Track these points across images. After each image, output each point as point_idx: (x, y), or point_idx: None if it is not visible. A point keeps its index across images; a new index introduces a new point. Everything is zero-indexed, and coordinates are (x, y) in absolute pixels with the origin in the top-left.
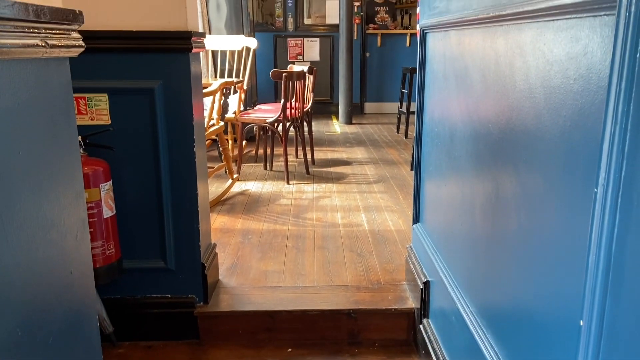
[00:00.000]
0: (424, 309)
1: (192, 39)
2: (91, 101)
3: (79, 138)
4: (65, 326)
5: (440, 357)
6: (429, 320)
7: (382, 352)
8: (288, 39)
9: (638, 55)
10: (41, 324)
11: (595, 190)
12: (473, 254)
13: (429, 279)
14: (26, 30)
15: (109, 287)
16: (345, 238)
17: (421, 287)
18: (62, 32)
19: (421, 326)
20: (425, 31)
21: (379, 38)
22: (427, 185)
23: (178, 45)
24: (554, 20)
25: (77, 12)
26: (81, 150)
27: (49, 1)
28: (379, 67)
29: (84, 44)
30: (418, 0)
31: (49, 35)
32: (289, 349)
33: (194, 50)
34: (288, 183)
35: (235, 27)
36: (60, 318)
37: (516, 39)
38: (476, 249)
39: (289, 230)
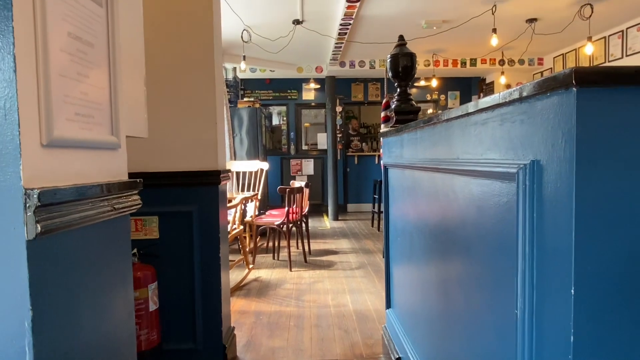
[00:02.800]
0: None
1: (221, 175)
2: (145, 222)
3: (134, 250)
4: None
5: None
6: None
7: None
8: (291, 160)
9: (529, 204)
10: None
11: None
12: (430, 333)
13: (400, 356)
14: (100, 201)
15: None
16: (334, 317)
17: None
18: (126, 197)
19: None
20: (387, 166)
21: (355, 158)
22: (394, 272)
23: (210, 181)
24: (477, 178)
25: (138, 181)
26: (135, 259)
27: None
28: (356, 178)
29: (140, 202)
30: (380, 144)
31: (116, 201)
32: None
33: (221, 183)
34: (290, 270)
35: (252, 154)
36: None
37: (450, 182)
38: (432, 329)
39: (291, 311)
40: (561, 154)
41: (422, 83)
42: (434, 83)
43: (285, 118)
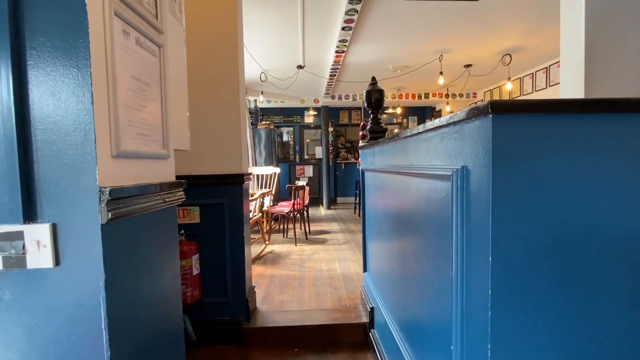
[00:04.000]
0: (371, 323)
1: (244, 177)
2: (190, 211)
3: (182, 231)
4: (167, 332)
5: (382, 353)
6: (374, 330)
7: (350, 350)
8: (296, 166)
9: (460, 197)
10: (157, 327)
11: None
12: (393, 289)
13: (373, 306)
14: (154, 196)
15: (196, 314)
16: (327, 278)
17: (369, 310)
18: (173, 193)
19: (370, 334)
20: (364, 171)
21: (343, 164)
22: (369, 246)
23: (237, 181)
24: (425, 178)
25: (183, 181)
26: (183, 238)
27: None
28: (343, 179)
29: (184, 196)
30: (359, 154)
31: (168, 195)
32: (295, 349)
33: (245, 182)
34: (296, 245)
35: (268, 161)
36: (165, 328)
37: (407, 182)
38: (394, 286)
39: (295, 274)
40: (482, 161)
41: (390, 110)
42: (399, 110)
43: (292, 136)
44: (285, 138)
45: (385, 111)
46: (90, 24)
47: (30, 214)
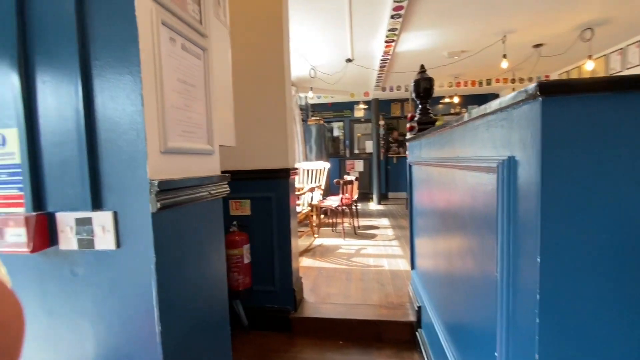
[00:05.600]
0: (419, 323)
1: (290, 172)
2: (242, 203)
3: (235, 222)
4: (214, 312)
5: (428, 354)
6: (421, 330)
7: (395, 348)
8: (346, 161)
9: (506, 191)
10: (204, 308)
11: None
12: (438, 288)
13: (420, 304)
14: (199, 189)
15: (247, 300)
16: (374, 274)
17: (416, 309)
18: (218, 186)
19: (417, 333)
20: (411, 164)
21: (394, 159)
22: (416, 242)
23: (283, 175)
24: (470, 171)
25: (227, 175)
26: (235, 228)
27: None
28: (395, 174)
29: (228, 189)
30: (407, 147)
31: (212, 187)
32: (340, 342)
33: (291, 177)
34: (344, 239)
35: (318, 156)
36: (212, 309)
37: (452, 173)
38: (440, 285)
39: (343, 268)
40: (530, 151)
41: (447, 100)
42: (456, 100)
43: (342, 130)
44: (335, 133)
45: (441, 101)
46: (140, 34)
47: (97, 203)
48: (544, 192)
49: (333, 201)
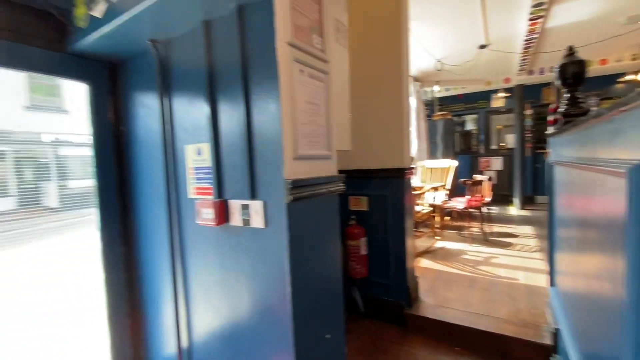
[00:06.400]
0: (555, 347)
1: (405, 171)
2: (360, 200)
3: (354, 217)
4: (329, 288)
5: None
6: (558, 356)
7: None
8: (479, 158)
9: None
10: (324, 285)
11: None
12: (578, 312)
13: (557, 327)
14: (320, 186)
15: (363, 289)
16: (504, 286)
17: (553, 332)
18: (335, 184)
19: (552, 358)
20: (551, 164)
21: (545, 155)
22: (556, 256)
23: (398, 174)
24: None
25: (343, 175)
26: (354, 222)
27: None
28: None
29: (343, 187)
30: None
31: (330, 186)
32: (457, 348)
33: (406, 176)
34: (471, 245)
35: (445, 153)
36: (330, 296)
37: (592, 176)
38: (579, 308)
39: (466, 275)
40: None
41: (629, 77)
42: None
43: (476, 124)
44: (467, 127)
45: (619, 79)
46: (280, 73)
47: (253, 194)
48: None
49: (459, 203)
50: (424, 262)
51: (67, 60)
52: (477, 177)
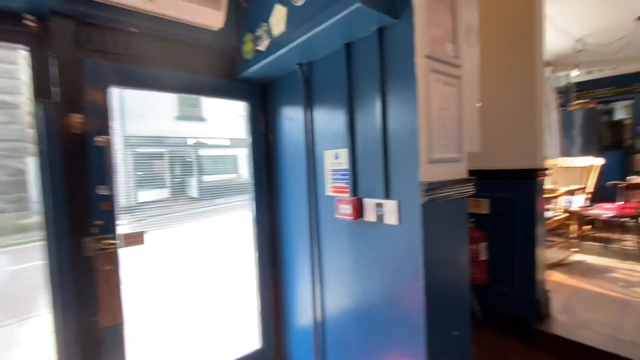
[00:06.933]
0: None
1: (538, 173)
2: (481, 202)
3: (472, 219)
4: (456, 291)
5: None
6: None
7: None
8: (635, 155)
9: None
10: (452, 284)
11: None
12: None
13: None
14: (450, 188)
15: (482, 296)
16: None
17: None
18: (464, 187)
19: None
20: None
21: None
22: None
23: (528, 176)
24: None
25: (473, 178)
26: (473, 225)
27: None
28: None
29: (474, 190)
30: None
31: (460, 188)
32: None
33: (538, 178)
34: (623, 261)
35: (585, 149)
36: (458, 295)
37: None
38: None
39: (615, 296)
40: None
41: None
42: None
43: (630, 112)
44: (616, 116)
45: None
46: (418, 83)
47: (387, 194)
48: None
49: (606, 210)
50: (557, 276)
51: (235, 86)
52: (634, 178)
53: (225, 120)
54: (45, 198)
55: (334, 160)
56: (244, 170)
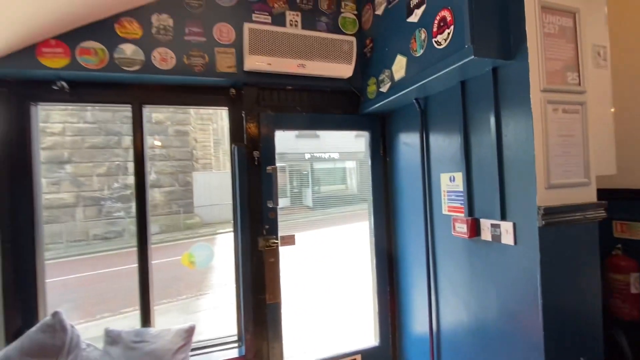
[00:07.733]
0: None
1: None
2: (630, 226)
3: (619, 245)
4: (588, 327)
5: None
6: None
7: None
8: None
9: None
10: (578, 314)
11: None
12: None
13: None
14: (574, 213)
15: (633, 335)
16: None
17: None
18: (594, 211)
19: None
20: None
21: None
22: None
23: None
24: None
25: (603, 202)
26: (619, 252)
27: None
28: None
29: (605, 214)
30: None
31: (586, 213)
32: None
33: None
34: None
35: None
36: (586, 323)
37: None
38: None
39: None
40: None
41: None
42: None
43: None
44: None
45: None
46: (533, 116)
47: (503, 215)
48: None
49: None
50: None
51: (359, 120)
52: None
53: (335, 136)
54: (238, 208)
55: (450, 182)
56: (353, 182)
